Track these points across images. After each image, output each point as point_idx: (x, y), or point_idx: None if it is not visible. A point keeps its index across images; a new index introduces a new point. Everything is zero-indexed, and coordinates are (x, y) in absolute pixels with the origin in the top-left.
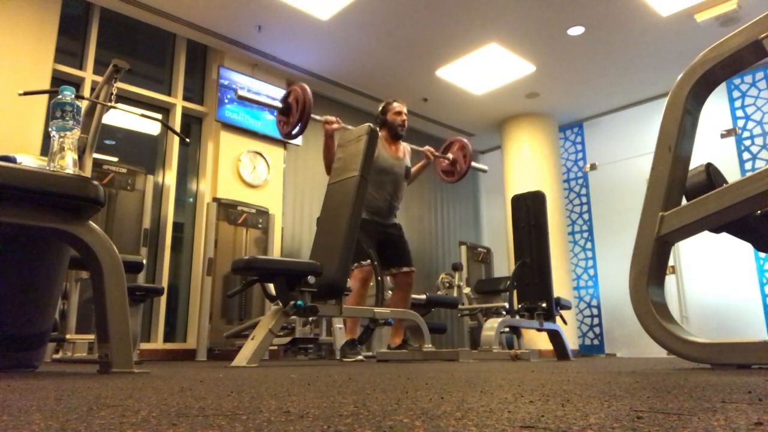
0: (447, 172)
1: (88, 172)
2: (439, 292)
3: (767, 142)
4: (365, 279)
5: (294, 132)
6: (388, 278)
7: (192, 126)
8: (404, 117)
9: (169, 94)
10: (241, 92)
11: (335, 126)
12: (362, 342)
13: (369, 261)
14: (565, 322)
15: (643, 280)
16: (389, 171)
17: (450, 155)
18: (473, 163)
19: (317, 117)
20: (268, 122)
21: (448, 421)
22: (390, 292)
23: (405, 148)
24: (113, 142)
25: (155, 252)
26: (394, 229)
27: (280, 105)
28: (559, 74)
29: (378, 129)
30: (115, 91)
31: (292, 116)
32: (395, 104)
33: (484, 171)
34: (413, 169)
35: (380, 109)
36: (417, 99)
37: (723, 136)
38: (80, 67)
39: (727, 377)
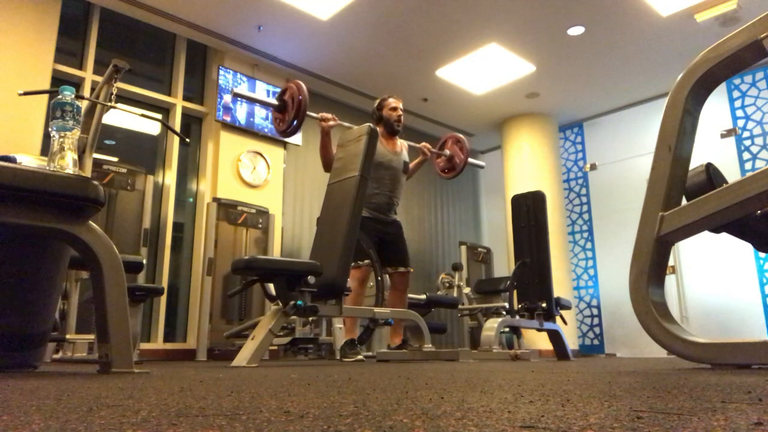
0: (445, 169)
1: (88, 172)
2: (439, 292)
3: (767, 142)
4: (363, 279)
5: (290, 130)
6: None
7: (192, 126)
8: (400, 112)
9: (169, 94)
10: (236, 89)
11: (331, 123)
12: (362, 342)
13: (367, 261)
14: (565, 322)
15: (643, 280)
16: (387, 166)
17: (447, 151)
18: (470, 159)
19: (313, 114)
20: (268, 122)
21: (448, 421)
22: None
23: (402, 144)
24: (113, 142)
25: (155, 252)
26: (393, 227)
27: (276, 102)
28: (559, 74)
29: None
30: (115, 91)
31: (288, 114)
32: (390, 100)
33: (482, 167)
34: (411, 165)
35: (375, 105)
36: (417, 99)
37: (723, 136)
38: (80, 67)
39: (727, 377)
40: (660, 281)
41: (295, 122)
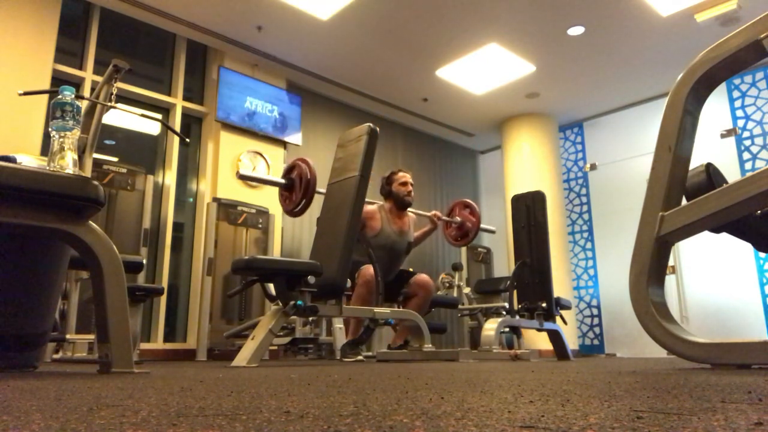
0: (457, 237)
1: (88, 172)
2: (439, 292)
3: (767, 142)
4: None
5: (297, 209)
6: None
7: (192, 126)
8: (410, 188)
9: (169, 94)
10: (242, 172)
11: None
12: (362, 342)
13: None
14: (565, 322)
15: (643, 280)
16: (389, 249)
17: (457, 218)
18: (482, 225)
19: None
20: (268, 122)
21: (448, 421)
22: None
23: (411, 219)
24: (113, 142)
25: (155, 252)
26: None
27: (282, 181)
28: (559, 74)
29: (383, 201)
30: (115, 91)
31: (295, 193)
32: (400, 174)
33: (493, 232)
34: (417, 235)
35: (385, 179)
36: (417, 99)
37: (723, 136)
38: (80, 67)
39: (727, 377)
40: (660, 281)
41: (303, 202)
